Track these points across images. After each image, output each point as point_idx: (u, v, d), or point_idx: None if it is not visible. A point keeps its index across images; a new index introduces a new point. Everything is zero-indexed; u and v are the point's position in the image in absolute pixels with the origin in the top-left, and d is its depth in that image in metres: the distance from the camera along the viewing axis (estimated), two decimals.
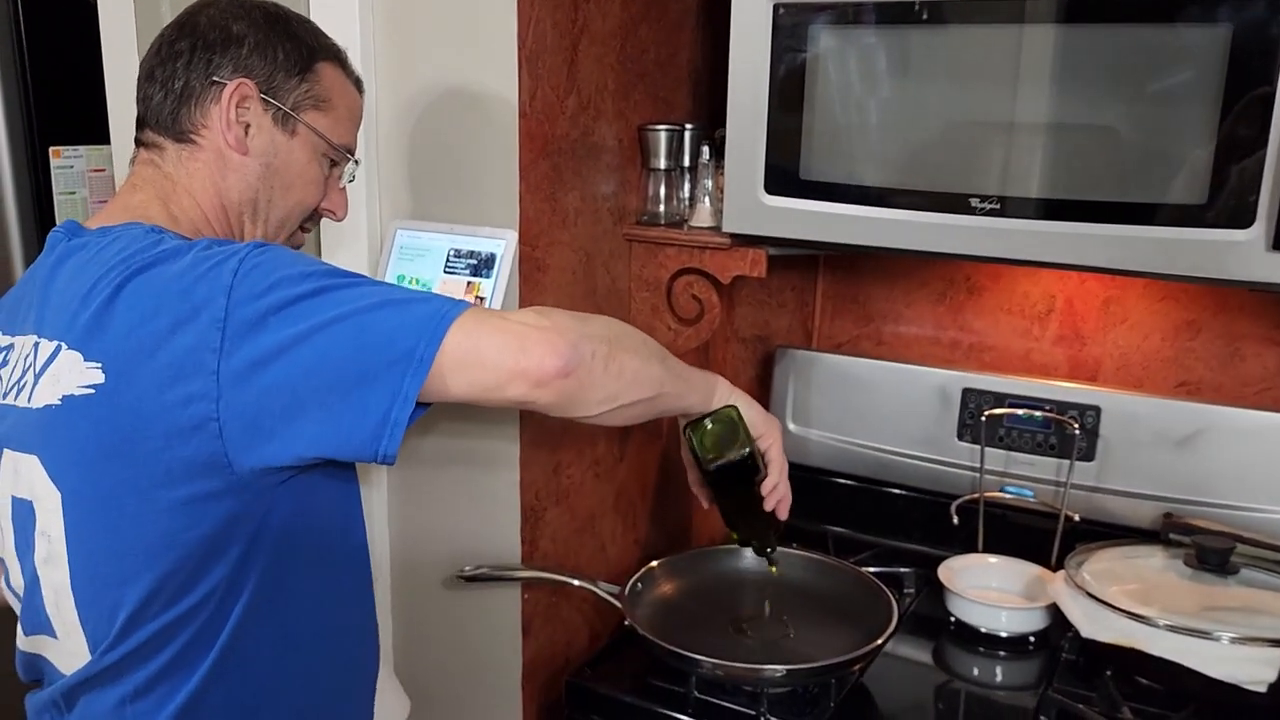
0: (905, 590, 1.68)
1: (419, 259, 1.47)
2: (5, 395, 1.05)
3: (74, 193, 2.15)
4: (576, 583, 1.48)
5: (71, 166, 2.14)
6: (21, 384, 1.03)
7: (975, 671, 1.52)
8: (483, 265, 1.42)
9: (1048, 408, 1.67)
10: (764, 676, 1.34)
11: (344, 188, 1.22)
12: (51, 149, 2.11)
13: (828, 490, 1.89)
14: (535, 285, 1.48)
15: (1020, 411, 1.69)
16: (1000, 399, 1.71)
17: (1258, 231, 1.18)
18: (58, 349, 0.99)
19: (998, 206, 1.32)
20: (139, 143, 1.14)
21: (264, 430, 0.93)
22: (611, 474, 1.70)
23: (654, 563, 1.56)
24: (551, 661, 1.62)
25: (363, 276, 0.99)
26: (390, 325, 0.93)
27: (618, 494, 1.73)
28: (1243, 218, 1.19)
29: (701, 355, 1.88)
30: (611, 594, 1.45)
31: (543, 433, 1.53)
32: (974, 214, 1.33)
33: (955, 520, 1.71)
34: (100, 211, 1.12)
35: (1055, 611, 1.49)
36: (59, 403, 0.97)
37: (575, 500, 1.63)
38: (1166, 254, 1.24)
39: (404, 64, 1.48)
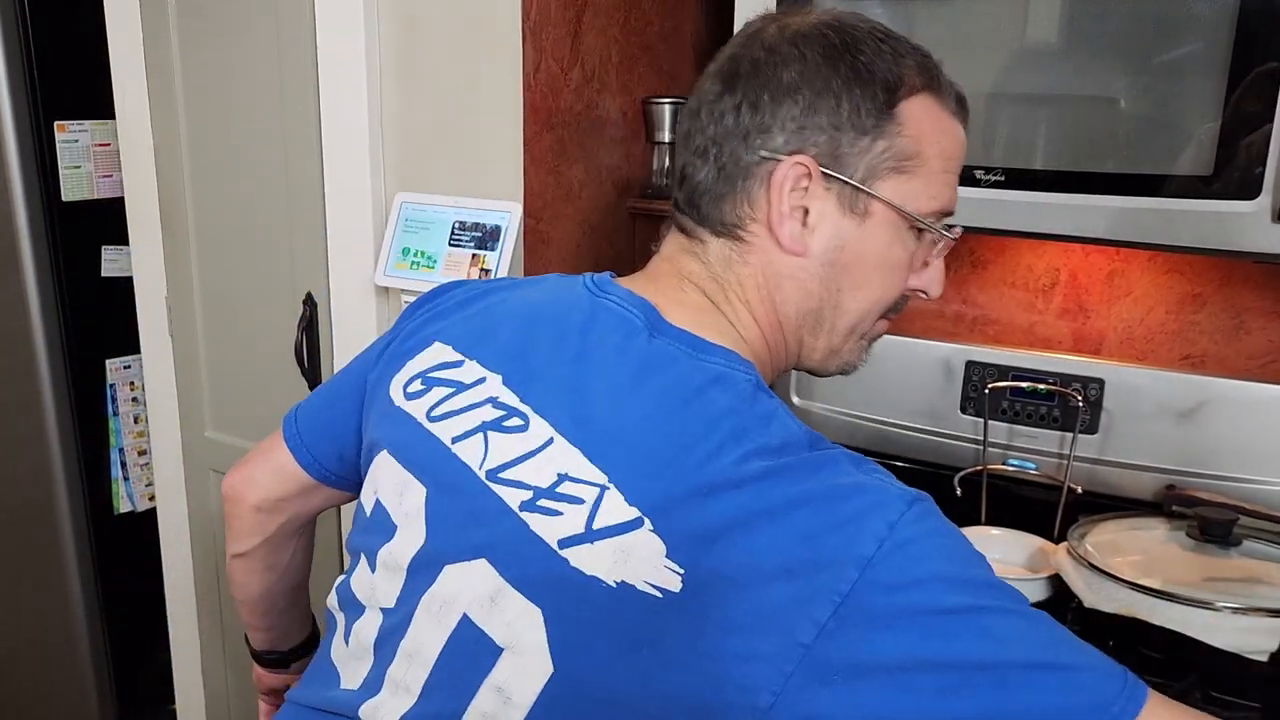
0: None
1: (424, 231, 1.47)
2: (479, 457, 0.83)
3: (79, 167, 2.15)
4: None
5: (76, 141, 2.14)
6: (516, 469, 0.81)
7: None
8: (488, 238, 1.42)
9: (1051, 380, 1.67)
10: None
11: (937, 261, 0.92)
12: (56, 123, 2.11)
13: None
14: (540, 258, 1.48)
15: (1024, 384, 1.69)
16: (1004, 372, 1.71)
17: (1264, 203, 1.18)
18: (603, 490, 0.77)
19: (1002, 178, 1.32)
20: (678, 225, 0.92)
21: None
22: None
23: None
24: None
25: (1022, 603, 0.74)
26: (1047, 706, 0.71)
27: None
28: (1249, 189, 1.19)
29: None
30: None
31: None
32: (978, 185, 1.33)
33: (958, 492, 1.71)
34: (659, 293, 0.89)
35: (1058, 582, 1.49)
36: (606, 582, 0.75)
37: None
38: (1171, 225, 1.24)
39: (408, 37, 1.48)
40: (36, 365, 2.21)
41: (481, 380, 0.86)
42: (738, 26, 1.43)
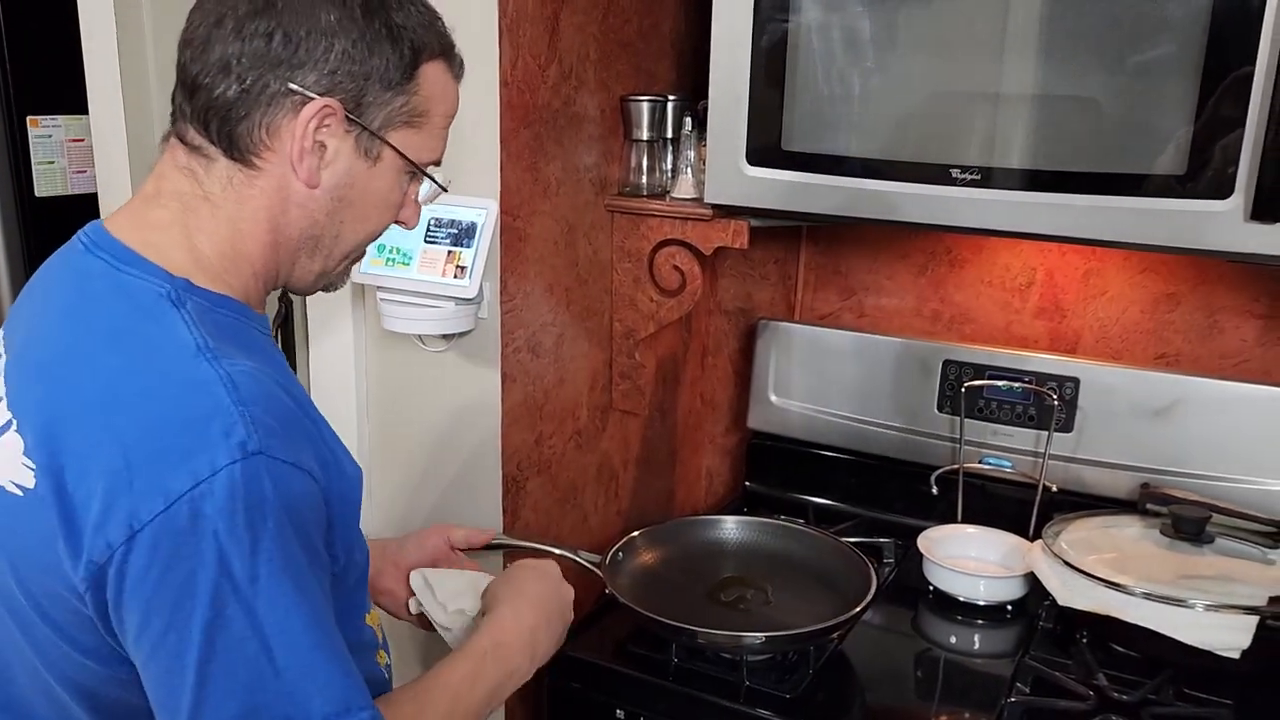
0: (884, 560, 1.69)
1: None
2: None
3: (53, 162, 2.13)
4: (557, 551, 1.47)
5: (50, 136, 2.13)
6: None
7: (953, 639, 1.54)
8: (464, 235, 1.42)
9: (1027, 379, 1.68)
10: (744, 644, 1.35)
11: (416, 201, 1.01)
12: (29, 118, 2.09)
13: (808, 461, 1.90)
14: (517, 255, 1.47)
15: (1000, 383, 1.70)
16: (980, 370, 1.72)
17: (1236, 202, 1.19)
18: (8, 423, 0.84)
19: (978, 177, 1.32)
20: (178, 134, 0.90)
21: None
22: (593, 445, 1.71)
23: (635, 532, 1.56)
24: None
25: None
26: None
27: (599, 465, 1.73)
28: (1222, 188, 1.19)
29: (683, 327, 1.88)
30: (592, 563, 1.45)
31: (524, 403, 1.53)
32: (955, 184, 1.33)
33: (934, 491, 1.72)
34: (120, 214, 0.92)
35: (1033, 580, 1.50)
36: None
37: (557, 471, 1.63)
38: (1146, 224, 1.25)
39: None
40: None
41: None
42: (717, 23, 1.44)
